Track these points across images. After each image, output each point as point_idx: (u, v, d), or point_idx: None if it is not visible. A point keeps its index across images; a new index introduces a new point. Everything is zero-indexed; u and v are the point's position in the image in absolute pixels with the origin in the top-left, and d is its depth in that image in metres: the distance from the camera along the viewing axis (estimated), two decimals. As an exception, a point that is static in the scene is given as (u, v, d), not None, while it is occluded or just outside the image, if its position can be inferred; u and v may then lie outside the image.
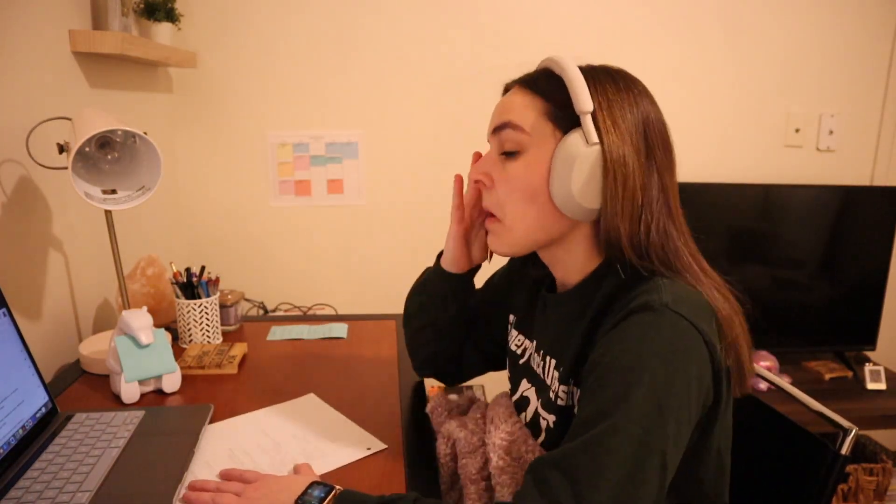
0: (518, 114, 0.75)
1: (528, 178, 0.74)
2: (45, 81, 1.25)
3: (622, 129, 0.71)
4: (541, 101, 0.75)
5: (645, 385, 0.63)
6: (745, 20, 2.11)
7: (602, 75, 0.75)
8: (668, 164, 0.74)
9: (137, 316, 1.11)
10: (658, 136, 0.74)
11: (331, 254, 2.13)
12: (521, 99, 0.77)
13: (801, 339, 2.20)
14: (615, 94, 0.73)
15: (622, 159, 0.70)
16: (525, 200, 0.75)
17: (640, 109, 0.74)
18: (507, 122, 0.76)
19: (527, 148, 0.74)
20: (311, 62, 2.00)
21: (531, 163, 0.74)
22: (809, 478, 0.86)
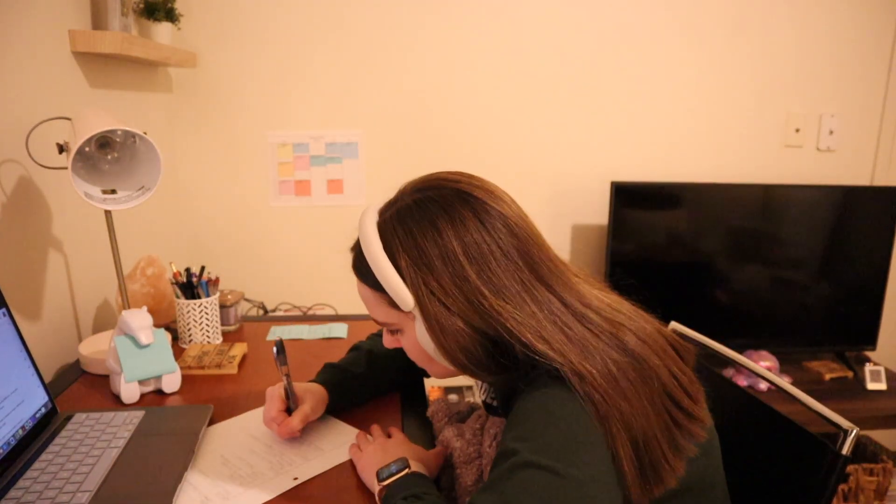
0: (375, 312, 0.81)
1: (417, 350, 0.81)
2: (45, 81, 1.25)
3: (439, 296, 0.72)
4: (380, 295, 0.78)
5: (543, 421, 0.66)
6: (745, 20, 2.11)
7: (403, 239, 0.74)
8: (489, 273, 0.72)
9: (137, 316, 1.11)
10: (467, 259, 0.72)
11: (331, 254, 2.13)
12: (366, 293, 0.81)
13: (801, 339, 2.20)
14: (419, 258, 0.73)
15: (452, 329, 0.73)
16: (426, 362, 0.82)
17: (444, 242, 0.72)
18: (374, 319, 0.83)
19: (401, 328, 0.81)
20: (312, 62, 2.00)
21: (410, 339, 0.80)
22: (809, 478, 0.86)
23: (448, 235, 0.72)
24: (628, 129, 2.15)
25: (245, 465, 0.89)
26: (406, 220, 0.75)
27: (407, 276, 0.73)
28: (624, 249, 2.06)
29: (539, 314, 0.71)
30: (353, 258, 0.82)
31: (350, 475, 0.87)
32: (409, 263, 0.73)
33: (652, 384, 0.69)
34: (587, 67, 2.09)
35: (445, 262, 0.72)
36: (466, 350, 0.74)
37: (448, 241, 0.72)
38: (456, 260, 0.72)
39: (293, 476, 0.86)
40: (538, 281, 0.73)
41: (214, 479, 0.86)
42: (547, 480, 0.61)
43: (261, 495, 0.82)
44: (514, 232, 0.74)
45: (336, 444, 0.95)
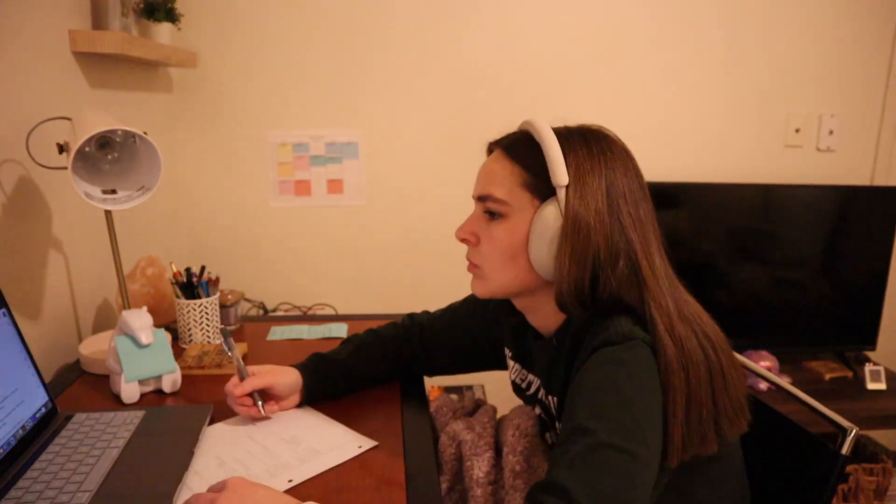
0: (498, 186, 0.81)
1: (509, 241, 0.80)
2: (45, 81, 1.25)
3: (589, 199, 0.76)
4: (519, 170, 0.80)
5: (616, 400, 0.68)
6: (746, 20, 2.11)
7: (578, 143, 0.79)
8: (634, 220, 0.78)
9: (137, 316, 1.11)
10: (625, 197, 0.78)
11: (331, 254, 2.13)
12: (502, 167, 0.82)
13: (801, 339, 2.20)
14: (588, 162, 0.77)
15: (585, 229, 0.75)
16: (506, 260, 0.81)
17: (609, 175, 0.78)
18: (489, 195, 0.82)
19: (508, 214, 0.80)
20: (312, 62, 2.00)
21: (512, 228, 0.80)
22: (809, 478, 0.86)
23: (618, 170, 0.78)
24: (628, 129, 2.13)
25: (241, 467, 0.89)
26: (584, 134, 0.80)
27: (570, 162, 0.76)
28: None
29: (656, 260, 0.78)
30: (506, 140, 0.84)
31: (346, 477, 0.87)
32: (575, 154, 0.76)
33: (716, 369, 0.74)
34: (587, 68, 2.09)
35: (608, 175, 0.77)
36: (581, 256, 0.75)
37: (617, 166, 0.78)
38: (618, 181, 0.77)
39: (288, 478, 0.86)
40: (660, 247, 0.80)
41: (209, 481, 0.85)
42: (623, 462, 0.64)
43: None
44: (649, 199, 0.82)
45: (332, 445, 0.94)
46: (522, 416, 0.88)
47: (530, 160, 0.79)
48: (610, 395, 0.69)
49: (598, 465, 0.64)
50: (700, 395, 0.71)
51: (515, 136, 0.84)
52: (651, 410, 0.69)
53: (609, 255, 0.75)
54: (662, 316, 0.73)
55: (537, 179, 0.78)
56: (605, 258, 0.75)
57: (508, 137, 0.85)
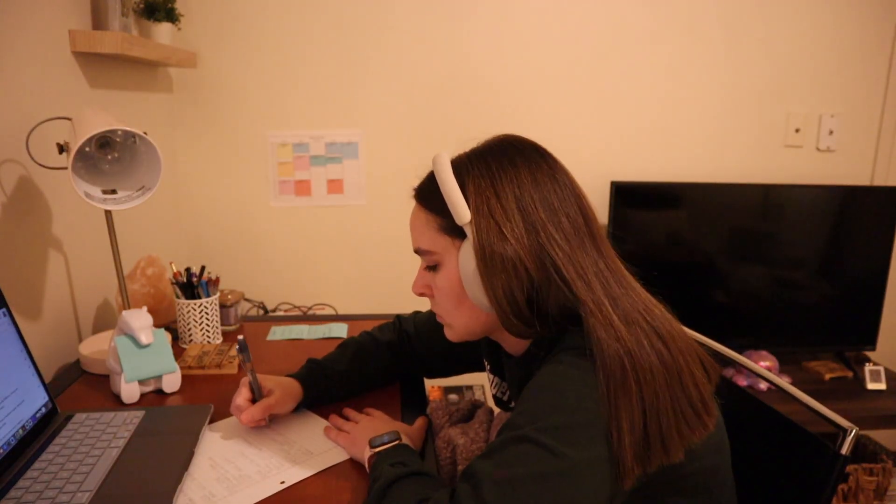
0: (422, 237, 0.82)
1: (449, 288, 0.80)
2: (45, 81, 1.25)
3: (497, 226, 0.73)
4: (433, 217, 0.80)
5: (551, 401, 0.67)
6: (745, 20, 2.11)
7: (476, 167, 0.76)
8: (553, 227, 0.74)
9: (137, 316, 1.11)
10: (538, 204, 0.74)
11: (331, 254, 2.13)
12: (418, 217, 0.82)
13: (801, 339, 2.20)
14: (488, 185, 0.74)
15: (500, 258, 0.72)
16: (455, 306, 0.81)
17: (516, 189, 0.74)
18: (417, 248, 0.83)
19: (441, 261, 0.81)
20: (311, 62, 2.00)
21: (447, 274, 0.80)
22: (809, 478, 0.86)
23: (524, 174, 0.75)
24: (628, 129, 2.15)
25: (233, 468, 0.89)
26: (484, 155, 0.78)
27: (470, 194, 0.74)
28: (624, 249, 2.04)
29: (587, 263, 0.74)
30: (417, 188, 0.84)
31: (339, 478, 0.87)
32: (475, 184, 0.75)
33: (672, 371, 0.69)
34: (587, 67, 2.09)
35: (514, 191, 0.74)
36: (506, 285, 0.73)
37: (523, 177, 0.75)
38: (526, 194, 0.74)
39: (280, 480, 0.86)
40: (591, 242, 0.76)
41: (201, 481, 0.85)
42: (541, 456, 0.63)
43: (246, 498, 0.82)
44: (578, 199, 0.77)
45: (325, 447, 0.94)
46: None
47: (439, 203, 0.77)
48: (546, 396, 0.68)
49: (515, 457, 0.64)
50: (658, 404, 0.67)
51: (425, 179, 0.84)
52: (590, 420, 0.65)
53: (536, 275, 0.72)
54: (604, 328, 0.69)
55: (449, 220, 0.77)
56: (533, 279, 0.72)
57: (421, 182, 0.85)
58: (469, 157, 0.79)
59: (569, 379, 0.68)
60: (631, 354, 0.67)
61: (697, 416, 0.70)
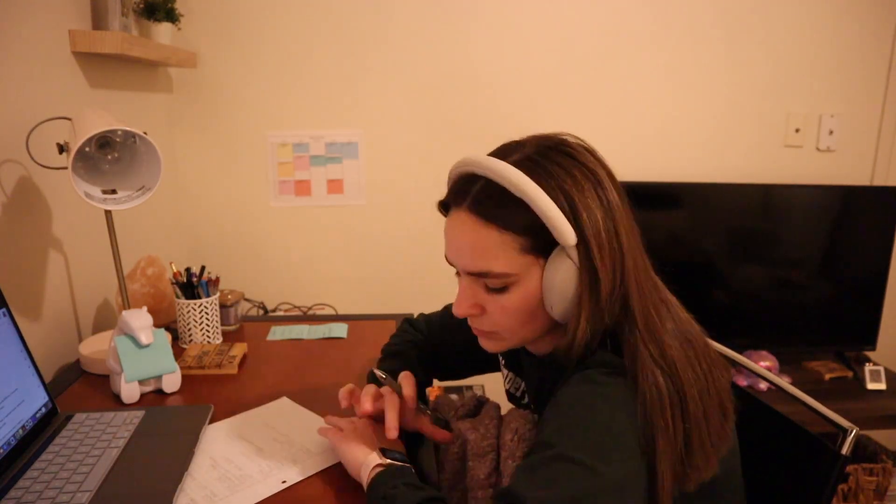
0: (495, 261, 0.71)
1: (524, 306, 0.74)
2: (45, 81, 1.25)
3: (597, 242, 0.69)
4: (510, 236, 0.70)
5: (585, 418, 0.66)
6: (746, 20, 2.11)
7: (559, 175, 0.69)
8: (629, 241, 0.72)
9: (137, 316, 1.11)
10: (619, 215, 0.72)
11: (331, 254, 2.13)
12: (488, 238, 0.71)
13: (801, 339, 2.20)
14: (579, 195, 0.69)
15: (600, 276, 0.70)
16: (524, 322, 0.75)
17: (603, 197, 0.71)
18: (487, 272, 0.72)
19: (516, 282, 0.73)
20: (311, 62, 2.00)
21: (524, 294, 0.73)
22: (809, 478, 0.86)
23: (601, 178, 0.71)
24: (628, 129, 2.15)
25: (234, 468, 0.89)
26: (556, 158, 0.70)
27: (562, 206, 0.68)
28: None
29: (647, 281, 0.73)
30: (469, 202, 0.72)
31: (340, 478, 0.87)
32: (565, 196, 0.68)
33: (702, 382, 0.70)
34: (587, 68, 2.09)
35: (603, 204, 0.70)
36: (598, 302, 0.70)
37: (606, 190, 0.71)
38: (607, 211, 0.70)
39: (282, 479, 0.86)
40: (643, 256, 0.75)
41: (202, 481, 0.85)
42: (582, 475, 0.62)
43: (248, 498, 0.82)
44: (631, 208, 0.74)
45: (325, 446, 0.94)
46: (521, 420, 0.87)
47: (518, 219, 0.69)
48: (579, 412, 0.67)
49: (555, 476, 0.63)
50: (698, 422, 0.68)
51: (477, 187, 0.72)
52: (624, 436, 0.65)
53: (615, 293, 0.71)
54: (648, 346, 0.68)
55: (536, 239, 0.70)
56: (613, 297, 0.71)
57: (469, 192, 0.72)
58: (536, 162, 0.70)
59: (601, 396, 0.67)
60: (672, 374, 0.67)
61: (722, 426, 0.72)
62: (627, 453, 0.65)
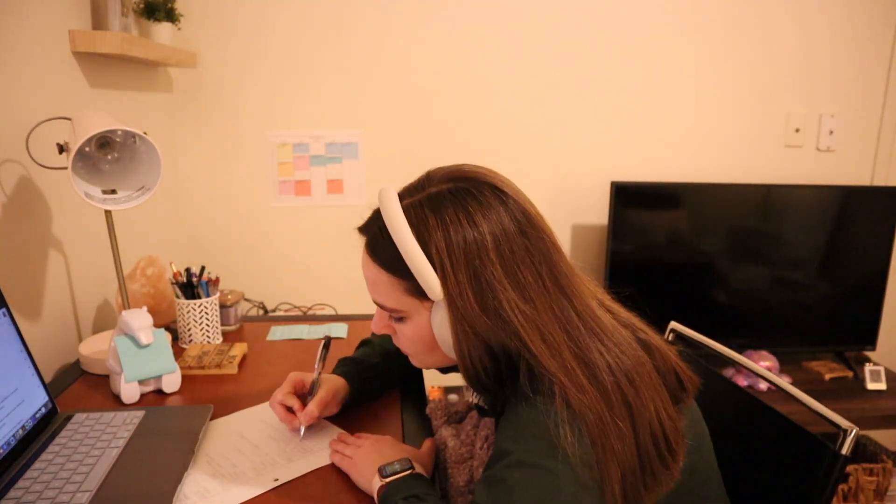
0: (385, 296, 0.79)
1: (419, 337, 0.80)
2: (45, 81, 1.25)
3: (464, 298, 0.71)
4: (396, 280, 0.76)
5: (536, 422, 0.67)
6: (746, 20, 2.11)
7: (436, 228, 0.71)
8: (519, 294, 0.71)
9: (137, 316, 1.11)
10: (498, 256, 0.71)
11: (331, 254, 2.13)
12: (378, 277, 0.78)
13: (801, 339, 2.21)
14: (452, 252, 0.71)
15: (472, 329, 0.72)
16: (425, 350, 0.81)
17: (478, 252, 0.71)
18: (379, 304, 0.81)
19: (408, 316, 0.79)
20: (312, 62, 2.00)
21: (416, 328, 0.79)
22: (809, 478, 0.86)
23: (482, 228, 0.71)
24: (628, 129, 2.15)
25: (228, 465, 0.89)
26: (440, 208, 0.72)
27: (437, 265, 0.71)
28: (624, 249, 2.06)
29: (553, 326, 0.71)
30: (367, 239, 0.79)
31: (333, 477, 0.87)
32: (440, 252, 0.71)
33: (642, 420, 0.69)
34: (587, 67, 2.09)
35: (475, 257, 0.71)
36: (477, 351, 0.74)
37: (481, 234, 0.71)
38: (486, 255, 0.71)
39: (274, 477, 0.86)
40: (557, 290, 0.72)
41: (195, 477, 0.86)
42: (540, 478, 0.63)
43: (239, 495, 0.82)
44: (540, 235, 0.73)
45: (322, 444, 0.94)
46: (491, 427, 0.87)
47: (401, 266, 0.74)
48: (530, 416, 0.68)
49: (514, 485, 0.63)
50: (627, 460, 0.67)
51: (374, 229, 0.78)
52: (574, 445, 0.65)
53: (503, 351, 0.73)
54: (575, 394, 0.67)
55: (416, 284, 0.74)
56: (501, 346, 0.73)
57: (370, 230, 0.79)
58: (423, 208, 0.73)
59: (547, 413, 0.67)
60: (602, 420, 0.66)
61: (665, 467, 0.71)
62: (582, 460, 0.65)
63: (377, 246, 0.78)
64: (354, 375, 1.04)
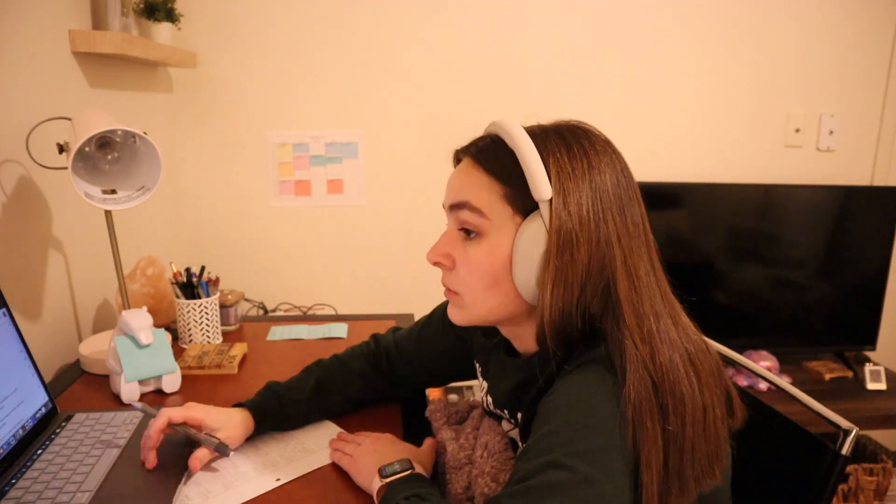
0: (475, 195, 0.72)
1: (490, 264, 0.72)
2: (45, 81, 1.25)
3: (574, 209, 0.68)
4: (496, 184, 0.71)
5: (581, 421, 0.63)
6: (746, 21, 2.11)
7: (556, 144, 0.70)
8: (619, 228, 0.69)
9: (137, 316, 1.11)
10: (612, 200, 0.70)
11: (331, 254, 2.13)
12: (477, 178, 0.73)
13: (801, 339, 2.21)
14: (570, 165, 0.69)
15: (572, 245, 0.68)
16: (487, 285, 0.73)
17: (595, 178, 0.70)
18: (465, 202, 0.73)
19: (487, 231, 0.72)
20: (311, 62, 2.00)
21: (493, 249, 0.71)
22: (809, 478, 0.86)
23: (603, 166, 0.70)
24: (628, 128, 2.15)
25: (229, 465, 0.89)
26: (562, 133, 0.72)
27: (551, 170, 0.68)
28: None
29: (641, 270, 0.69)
30: (476, 147, 0.75)
31: (333, 477, 0.87)
32: (556, 161, 0.69)
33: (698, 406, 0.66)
34: (587, 67, 2.09)
35: (594, 181, 0.69)
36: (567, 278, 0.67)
37: (600, 170, 0.70)
38: (603, 186, 0.69)
39: (276, 477, 0.86)
40: (648, 251, 0.71)
41: (197, 478, 0.86)
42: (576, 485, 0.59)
43: (242, 495, 0.82)
44: (639, 198, 0.73)
45: (323, 444, 0.94)
46: (491, 434, 0.84)
47: (507, 170, 0.70)
48: (577, 415, 0.63)
49: (548, 486, 0.59)
50: (682, 438, 0.64)
51: (485, 141, 0.75)
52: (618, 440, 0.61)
53: (593, 273, 0.68)
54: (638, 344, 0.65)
55: (517, 191, 0.70)
56: (591, 276, 0.68)
57: (478, 144, 0.76)
58: (543, 130, 0.72)
59: (601, 395, 0.63)
60: (664, 378, 0.64)
61: (709, 464, 0.67)
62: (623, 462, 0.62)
63: (485, 152, 0.74)
64: (263, 413, 0.96)
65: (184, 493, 0.82)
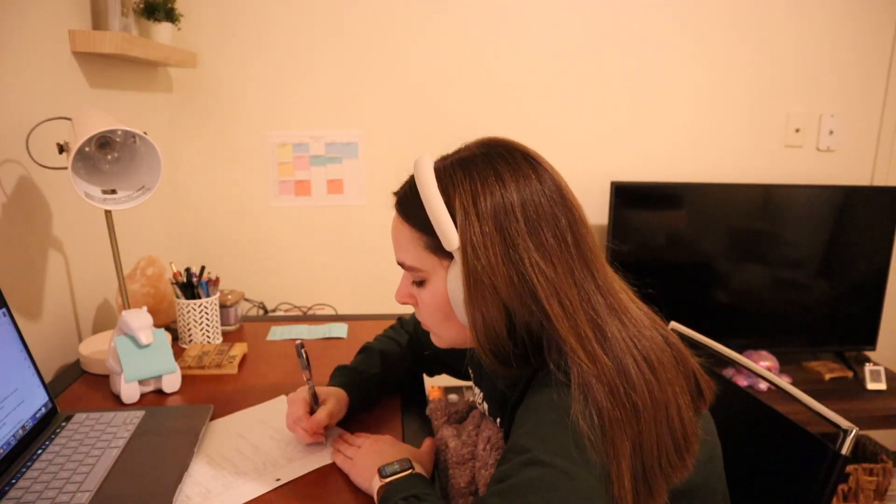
0: (406, 253, 0.78)
1: (436, 304, 0.78)
2: (45, 81, 1.25)
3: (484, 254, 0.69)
4: (419, 235, 0.76)
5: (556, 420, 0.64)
6: (746, 21, 2.11)
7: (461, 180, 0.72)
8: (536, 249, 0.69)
9: (137, 316, 1.11)
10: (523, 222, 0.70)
11: (331, 254, 2.13)
12: (402, 234, 0.78)
13: (801, 339, 2.20)
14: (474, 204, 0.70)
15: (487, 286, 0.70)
16: (441, 321, 0.80)
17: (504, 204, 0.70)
18: (402, 262, 0.80)
19: (427, 278, 0.78)
20: (312, 62, 2.00)
21: (434, 292, 0.78)
22: (809, 478, 0.86)
23: (510, 188, 0.71)
24: (628, 129, 2.15)
25: (230, 465, 0.89)
26: (469, 167, 0.73)
27: (458, 218, 0.71)
28: (624, 249, 2.06)
29: (572, 291, 0.69)
30: (398, 197, 0.80)
31: (333, 477, 0.87)
32: (463, 206, 0.71)
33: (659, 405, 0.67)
34: (587, 67, 2.09)
35: (501, 212, 0.70)
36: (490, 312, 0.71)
37: (508, 193, 0.70)
38: (512, 213, 0.70)
39: (276, 477, 0.86)
40: (581, 260, 0.71)
41: (197, 478, 0.86)
42: (556, 480, 0.61)
43: (242, 495, 0.82)
44: (567, 204, 0.72)
45: (323, 445, 0.94)
46: (493, 429, 0.86)
47: (424, 219, 0.73)
48: (551, 414, 0.65)
49: (528, 483, 0.61)
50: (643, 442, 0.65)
51: (405, 188, 0.79)
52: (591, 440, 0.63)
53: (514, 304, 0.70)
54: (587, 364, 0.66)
55: (436, 240, 0.73)
56: (513, 306, 0.70)
57: (402, 191, 0.80)
58: (453, 166, 0.74)
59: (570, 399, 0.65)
60: (617, 386, 0.65)
61: (679, 456, 0.69)
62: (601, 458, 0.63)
63: (405, 201, 0.78)
64: (355, 387, 1.02)
65: (184, 493, 0.82)
